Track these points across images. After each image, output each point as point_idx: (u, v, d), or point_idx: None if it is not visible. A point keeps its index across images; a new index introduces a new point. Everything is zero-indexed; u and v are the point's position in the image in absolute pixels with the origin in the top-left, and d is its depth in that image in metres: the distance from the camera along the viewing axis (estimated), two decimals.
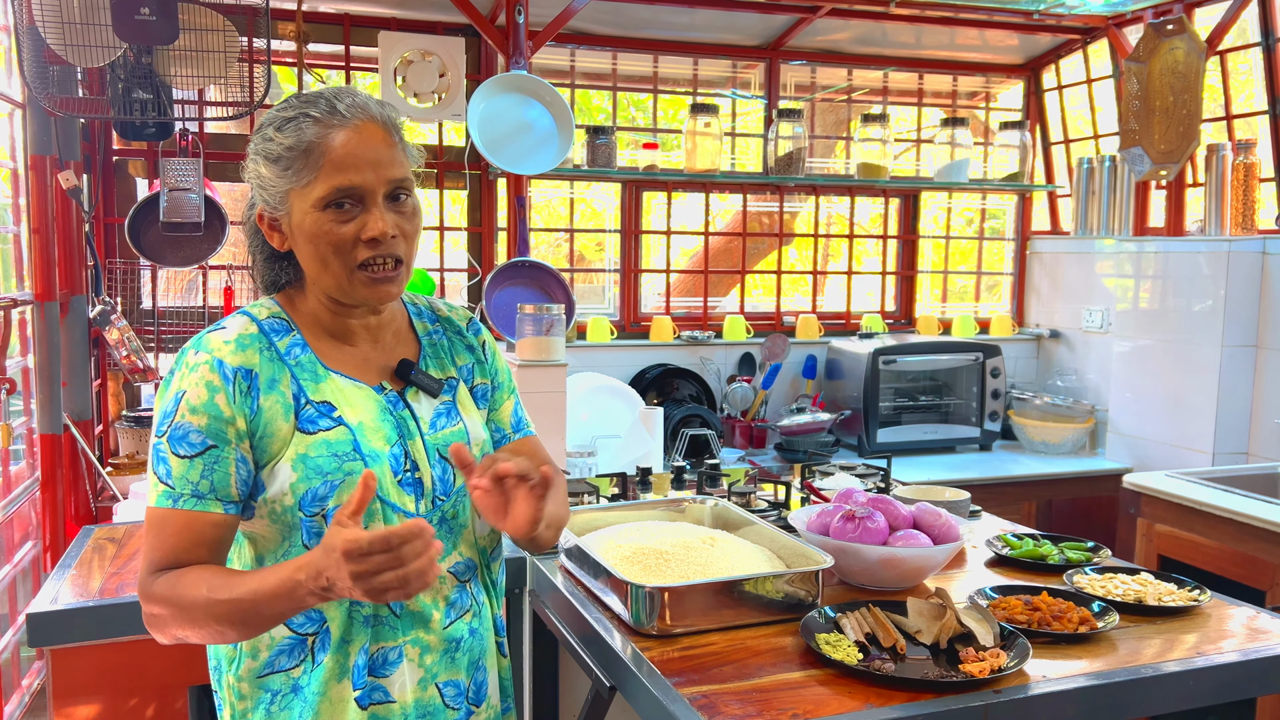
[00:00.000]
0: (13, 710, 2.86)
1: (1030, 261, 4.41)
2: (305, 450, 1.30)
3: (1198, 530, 2.83)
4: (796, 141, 3.83)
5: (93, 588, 1.94)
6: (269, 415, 1.30)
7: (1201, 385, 3.41)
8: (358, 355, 1.40)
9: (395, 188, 1.32)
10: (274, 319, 1.37)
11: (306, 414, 1.32)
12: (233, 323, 1.36)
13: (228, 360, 1.30)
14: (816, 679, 1.43)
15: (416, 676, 1.36)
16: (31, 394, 3.06)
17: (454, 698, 1.41)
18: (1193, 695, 1.49)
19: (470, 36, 3.53)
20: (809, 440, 3.65)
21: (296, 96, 1.34)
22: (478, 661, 1.44)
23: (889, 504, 1.85)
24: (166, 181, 3.14)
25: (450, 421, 1.43)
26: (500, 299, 3.38)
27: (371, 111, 1.32)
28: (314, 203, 1.29)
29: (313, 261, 1.33)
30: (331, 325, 1.39)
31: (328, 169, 1.28)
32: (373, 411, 1.36)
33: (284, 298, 1.41)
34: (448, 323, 1.53)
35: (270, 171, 1.32)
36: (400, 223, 1.32)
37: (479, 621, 1.44)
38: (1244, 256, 3.33)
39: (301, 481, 1.29)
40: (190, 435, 1.27)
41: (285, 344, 1.35)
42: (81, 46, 2.78)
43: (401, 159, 1.33)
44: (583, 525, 1.94)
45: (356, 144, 1.29)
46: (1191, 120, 3.57)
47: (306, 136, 1.29)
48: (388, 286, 1.34)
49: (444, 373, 1.47)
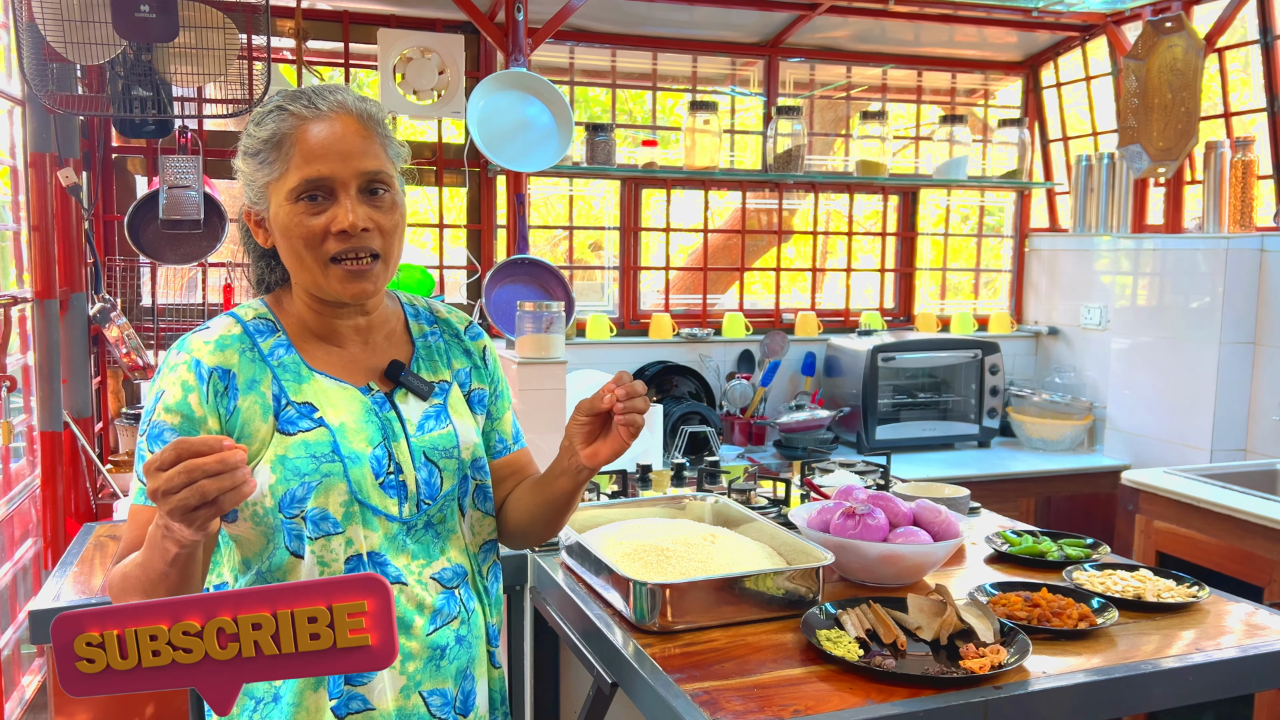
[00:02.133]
0: (13, 708, 2.86)
1: (1029, 259, 4.42)
2: (284, 451, 1.28)
3: (1196, 527, 2.84)
4: (795, 139, 3.83)
5: (94, 585, 1.94)
6: (246, 416, 1.29)
7: (1199, 382, 3.41)
8: (345, 356, 1.38)
9: (369, 180, 1.30)
10: (259, 319, 1.37)
11: (286, 415, 1.30)
12: (217, 323, 1.35)
13: (204, 360, 1.30)
14: (817, 675, 1.43)
15: (398, 684, 1.33)
16: (31, 391, 3.06)
17: (440, 707, 1.37)
18: (1192, 691, 1.50)
19: (469, 33, 3.53)
20: (808, 437, 3.66)
21: (280, 93, 1.33)
22: (465, 670, 1.40)
23: (889, 501, 1.86)
24: (166, 179, 3.14)
25: (439, 424, 1.40)
26: (500, 296, 3.38)
27: (348, 105, 1.30)
28: (286, 195, 1.28)
29: (289, 256, 1.32)
30: (318, 326, 1.38)
31: (298, 160, 1.27)
32: (356, 412, 1.34)
33: (272, 299, 1.41)
34: (445, 325, 1.51)
35: (249, 166, 1.32)
36: (375, 216, 1.30)
37: (467, 629, 1.40)
38: (1242, 254, 3.34)
39: (280, 483, 1.27)
40: (165, 434, 1.27)
41: (269, 345, 1.34)
42: (81, 44, 2.78)
43: (377, 152, 1.31)
44: (584, 522, 1.95)
45: (328, 135, 1.28)
46: (1190, 118, 3.58)
47: (281, 129, 1.28)
48: (362, 282, 1.31)
49: (436, 375, 1.44)
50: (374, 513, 1.31)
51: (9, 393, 2.68)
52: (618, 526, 1.86)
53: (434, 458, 1.37)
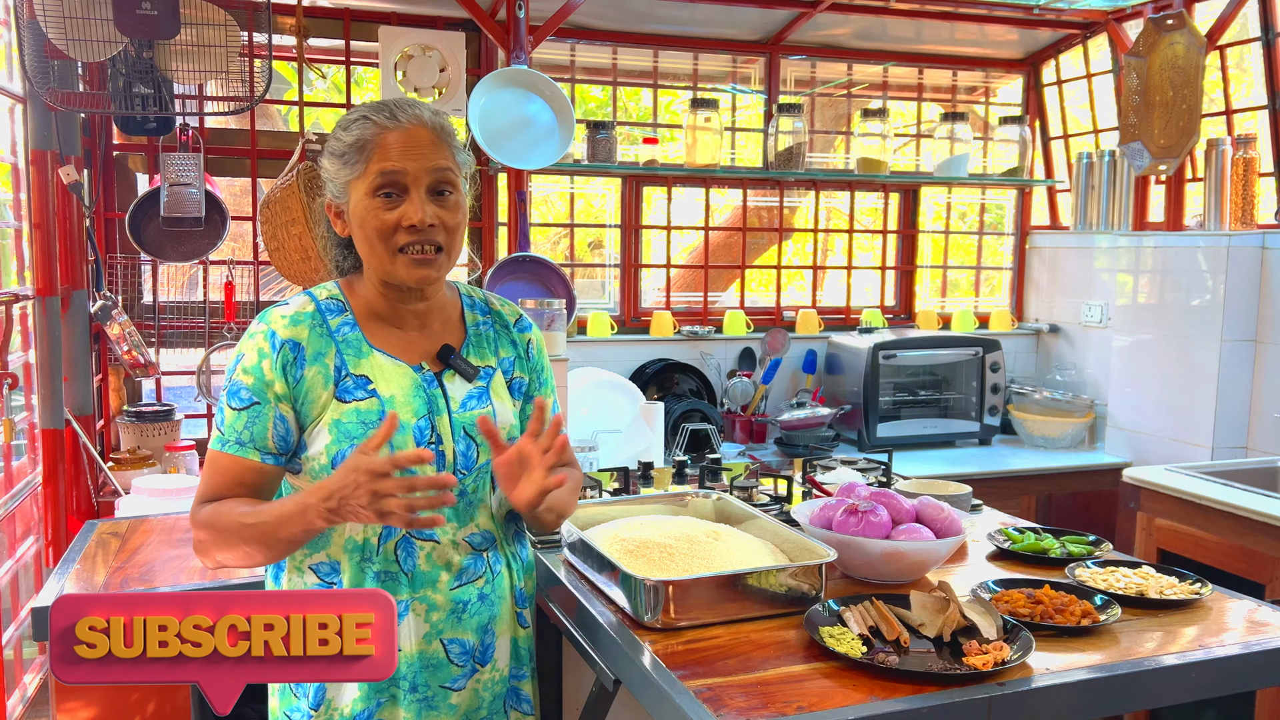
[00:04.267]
0: (15, 706, 2.86)
1: (1029, 256, 4.42)
2: (340, 417, 1.47)
3: (1197, 524, 2.84)
4: (796, 136, 3.83)
5: (97, 582, 1.94)
6: (310, 384, 1.48)
7: (1201, 380, 3.42)
8: (404, 337, 1.56)
9: (438, 180, 1.48)
10: (331, 300, 1.55)
11: (345, 385, 1.48)
12: (295, 300, 1.54)
13: (279, 333, 1.49)
14: (820, 672, 1.43)
15: (421, 630, 1.49)
16: (33, 389, 3.06)
17: (459, 655, 1.53)
18: (1194, 688, 1.50)
19: (470, 31, 3.53)
20: (809, 435, 3.66)
21: (364, 105, 1.52)
22: (487, 625, 1.55)
23: (891, 498, 1.86)
24: (167, 176, 3.14)
25: (481, 404, 1.56)
26: (501, 294, 3.37)
27: (424, 118, 1.49)
28: (366, 191, 1.47)
29: (363, 244, 1.50)
30: (383, 308, 1.55)
31: (377, 159, 1.46)
32: (406, 387, 1.51)
33: (345, 283, 1.59)
34: (497, 316, 1.67)
35: (333, 165, 1.51)
36: (441, 214, 1.48)
37: (491, 588, 1.55)
38: (1243, 251, 3.34)
39: (334, 444, 1.46)
40: (241, 391, 1.47)
41: (337, 323, 1.53)
42: (82, 41, 2.78)
43: (447, 157, 1.49)
44: (586, 519, 1.95)
45: (404, 141, 1.47)
46: (1191, 115, 3.57)
47: (364, 135, 1.47)
48: (426, 270, 1.49)
49: (483, 361, 1.61)
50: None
51: (10, 390, 2.68)
52: (620, 524, 1.86)
53: (472, 433, 1.54)
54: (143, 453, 3.22)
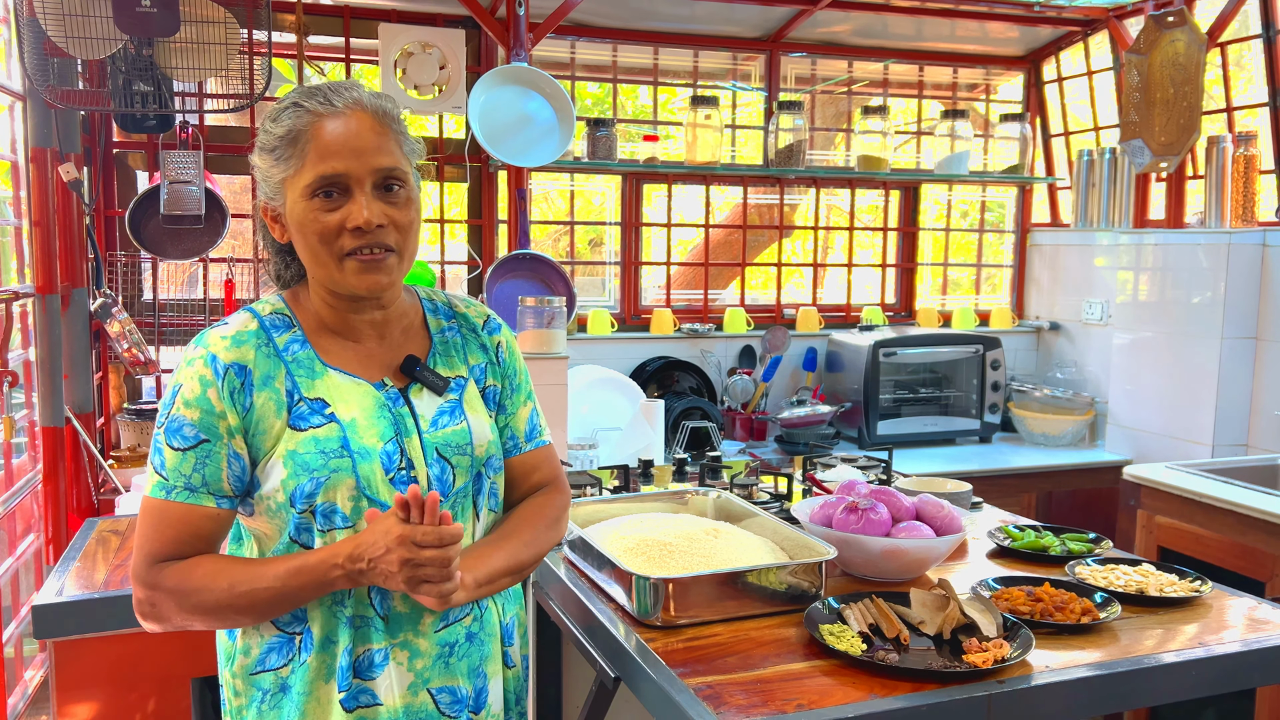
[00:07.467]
0: (15, 703, 2.86)
1: (1030, 254, 4.41)
2: (295, 447, 1.29)
3: (1198, 522, 2.84)
4: (797, 134, 3.83)
5: (97, 580, 1.95)
6: (261, 412, 1.29)
7: (1201, 377, 3.41)
8: (361, 351, 1.38)
9: (384, 177, 1.30)
10: (276, 315, 1.36)
11: (299, 410, 1.30)
12: (235, 319, 1.35)
13: (221, 356, 1.29)
14: (820, 669, 1.43)
15: (406, 681, 1.33)
16: (33, 387, 3.06)
17: (450, 705, 1.37)
18: (1194, 685, 1.50)
19: (470, 28, 3.53)
20: (809, 433, 3.66)
21: (296, 90, 1.33)
22: (478, 668, 1.40)
23: (892, 495, 1.86)
24: (167, 174, 3.13)
25: (453, 420, 1.39)
26: (501, 291, 3.38)
27: (363, 101, 1.30)
28: (302, 191, 1.28)
29: (305, 252, 1.32)
30: (334, 321, 1.37)
31: (313, 157, 1.27)
32: (368, 408, 1.33)
33: (290, 295, 1.40)
34: (464, 320, 1.49)
35: (265, 161, 1.32)
36: (391, 212, 1.30)
37: (479, 626, 1.40)
38: (1244, 249, 3.33)
39: (291, 478, 1.28)
40: (184, 429, 1.28)
41: (284, 340, 1.34)
42: (82, 38, 2.77)
43: (392, 149, 1.30)
44: (586, 517, 1.95)
45: (343, 132, 1.27)
46: (1192, 112, 3.57)
47: (297, 125, 1.28)
48: (377, 275, 1.30)
49: (453, 371, 1.43)
50: (382, 508, 1.29)
51: (10, 388, 2.68)
52: (620, 521, 1.86)
53: (446, 454, 1.37)
54: (143, 450, 3.22)
